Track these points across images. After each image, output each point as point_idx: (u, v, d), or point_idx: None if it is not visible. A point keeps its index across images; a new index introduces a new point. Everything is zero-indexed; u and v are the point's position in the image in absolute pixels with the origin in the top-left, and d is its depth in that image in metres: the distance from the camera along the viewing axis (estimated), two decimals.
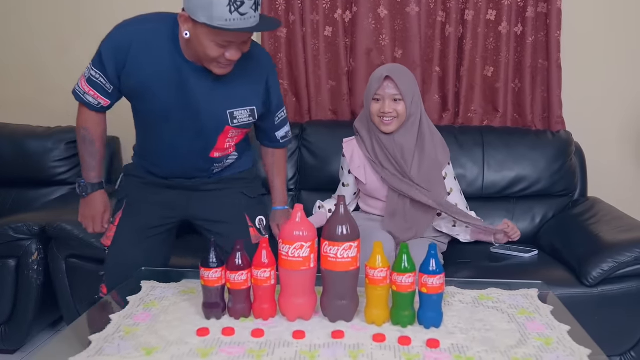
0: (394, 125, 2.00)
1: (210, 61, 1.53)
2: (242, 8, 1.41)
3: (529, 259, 2.19)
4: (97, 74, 1.63)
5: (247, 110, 1.67)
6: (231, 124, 1.66)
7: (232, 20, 1.41)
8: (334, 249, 1.32)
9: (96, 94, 1.66)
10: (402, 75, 2.00)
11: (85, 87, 1.66)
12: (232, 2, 1.40)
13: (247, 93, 1.67)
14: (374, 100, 2.00)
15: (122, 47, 1.58)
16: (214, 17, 1.41)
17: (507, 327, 1.35)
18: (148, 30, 1.60)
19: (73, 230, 2.06)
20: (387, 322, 1.35)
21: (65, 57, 2.85)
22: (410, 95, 1.98)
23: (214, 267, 1.35)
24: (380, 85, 1.97)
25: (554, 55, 2.53)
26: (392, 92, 1.97)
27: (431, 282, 1.31)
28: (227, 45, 1.49)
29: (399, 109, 1.98)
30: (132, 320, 1.37)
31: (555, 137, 2.50)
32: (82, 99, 1.69)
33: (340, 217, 1.34)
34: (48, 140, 2.64)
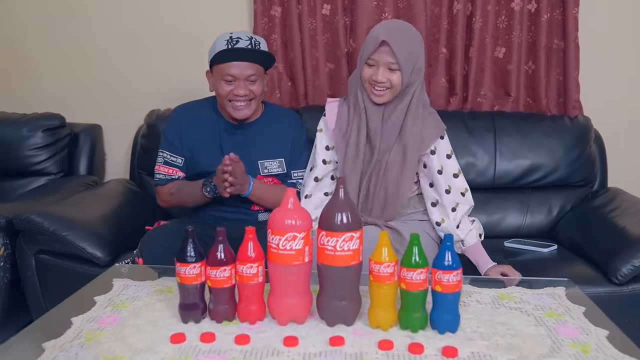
0: (386, 97, 1.74)
1: (226, 103, 1.84)
2: (238, 44, 1.79)
3: (547, 254, 2.04)
4: (167, 154, 1.95)
5: (276, 162, 1.93)
6: (262, 172, 1.91)
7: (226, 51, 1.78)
8: (332, 241, 1.13)
9: (175, 170, 1.94)
10: (403, 39, 1.71)
11: (164, 169, 1.95)
12: (230, 41, 1.79)
13: (276, 147, 1.93)
14: (367, 65, 1.73)
15: (176, 121, 1.96)
16: (215, 52, 1.79)
17: (535, 332, 1.18)
18: (193, 105, 2.00)
19: (43, 222, 1.88)
20: (394, 326, 1.19)
21: (43, 39, 2.68)
22: (409, 65, 1.70)
23: (192, 262, 1.17)
24: (376, 49, 1.70)
25: (572, 34, 2.35)
26: (388, 59, 1.69)
27: (447, 279, 1.14)
28: (232, 80, 1.81)
29: (394, 79, 1.70)
30: (96, 324, 1.20)
31: (573, 122, 2.33)
32: (166, 179, 1.95)
33: (340, 203, 1.15)
34: (23, 128, 2.46)
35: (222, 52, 1.78)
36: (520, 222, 2.27)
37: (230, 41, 1.79)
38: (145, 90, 2.63)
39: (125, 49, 2.63)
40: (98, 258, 1.87)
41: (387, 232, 1.17)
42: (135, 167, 2.49)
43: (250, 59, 1.81)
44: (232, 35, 1.80)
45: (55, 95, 2.68)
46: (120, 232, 1.99)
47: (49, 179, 2.47)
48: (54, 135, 2.47)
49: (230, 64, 1.79)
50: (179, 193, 1.90)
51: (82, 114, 2.64)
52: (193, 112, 1.96)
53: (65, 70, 2.68)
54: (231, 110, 1.85)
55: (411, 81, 1.74)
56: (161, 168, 1.95)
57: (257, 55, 1.82)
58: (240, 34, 1.81)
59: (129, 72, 2.64)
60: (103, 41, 2.64)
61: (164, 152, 1.94)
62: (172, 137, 1.93)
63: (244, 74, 1.80)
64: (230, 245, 1.18)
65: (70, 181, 2.43)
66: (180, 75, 2.60)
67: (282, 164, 1.94)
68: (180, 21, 2.59)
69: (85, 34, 2.64)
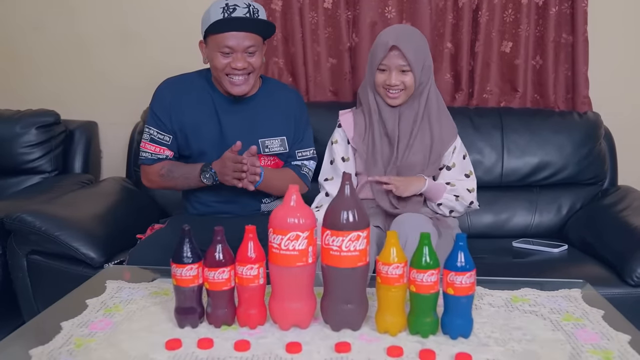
0: (401, 99, 1.78)
1: (223, 77, 1.69)
2: (235, 13, 1.62)
3: (558, 254, 1.97)
4: (154, 131, 1.78)
5: (277, 140, 1.80)
6: (263, 152, 1.78)
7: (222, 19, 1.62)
8: (337, 240, 1.06)
9: (162, 149, 1.78)
10: (411, 41, 1.76)
11: (150, 147, 1.79)
12: (226, 8, 1.62)
13: (277, 124, 1.80)
14: (379, 71, 1.77)
15: (164, 95, 1.79)
16: (210, 21, 1.64)
17: (553, 337, 1.11)
18: (182, 78, 1.83)
19: (35, 222, 1.82)
20: (403, 331, 1.12)
21: (38, 34, 2.61)
22: (419, 64, 1.75)
23: (189, 263, 1.10)
24: (386, 55, 1.74)
25: (581, 28, 2.30)
26: (399, 62, 1.74)
27: (459, 281, 1.07)
28: (229, 52, 1.66)
29: (407, 81, 1.75)
30: (87, 330, 1.13)
31: (582, 118, 2.27)
32: (152, 159, 1.79)
33: (346, 200, 1.08)
34: (16, 124, 2.40)
35: (218, 22, 1.63)
36: (528, 221, 2.21)
37: (227, 9, 1.63)
38: (142, 86, 2.53)
39: (122, 44, 2.56)
40: (92, 259, 1.81)
41: (396, 232, 1.10)
42: (131, 165, 2.43)
43: (249, 29, 1.65)
44: (228, 3, 1.64)
45: (50, 91, 2.61)
46: (115, 231, 1.93)
47: (43, 178, 2.41)
48: (48, 132, 2.41)
49: (226, 34, 1.64)
50: (171, 175, 1.74)
51: (78, 110, 2.57)
52: (184, 86, 1.79)
53: (60, 66, 2.61)
54: (228, 86, 1.70)
55: (422, 80, 1.77)
56: (147, 146, 1.78)
57: (256, 25, 1.66)
58: (237, 0, 1.65)
59: (126, 68, 2.58)
60: (99, 35, 2.57)
61: (151, 129, 1.77)
62: (160, 112, 1.76)
63: (242, 46, 1.65)
64: (229, 244, 1.11)
65: (65, 179, 2.37)
66: (179, 70, 2.50)
67: (284, 143, 1.81)
68: (178, 15, 2.52)
69: (81, 28, 2.58)
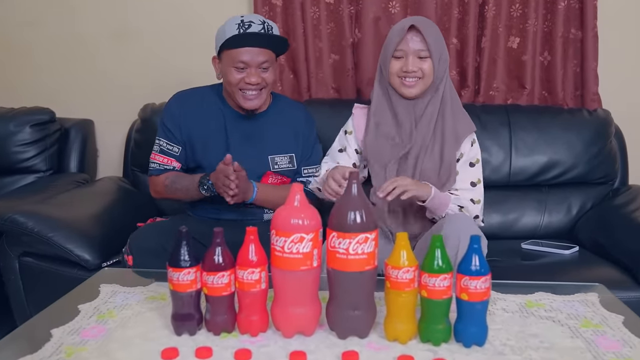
0: (418, 88, 1.66)
1: (236, 90, 1.70)
2: (250, 29, 1.64)
3: (569, 256, 1.91)
4: (164, 142, 1.79)
5: (287, 157, 1.80)
6: (272, 168, 1.78)
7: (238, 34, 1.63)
8: (344, 243, 1.00)
9: (170, 160, 1.79)
10: (430, 26, 1.66)
11: (159, 158, 1.79)
12: (241, 25, 1.64)
13: (286, 141, 1.80)
14: (395, 58, 1.65)
15: (175, 108, 1.79)
16: (226, 36, 1.65)
17: (572, 345, 1.05)
18: (194, 91, 1.84)
19: (27, 222, 1.75)
20: (414, 339, 1.06)
21: (32, 29, 2.55)
22: (438, 52, 1.64)
23: (186, 267, 1.04)
24: (403, 37, 1.63)
25: (590, 22, 2.23)
26: (417, 46, 1.62)
27: (474, 286, 1.01)
28: (244, 67, 1.67)
29: (425, 68, 1.64)
30: (78, 337, 1.07)
31: (592, 116, 2.20)
32: (159, 169, 1.79)
33: (352, 200, 1.02)
34: (10, 122, 2.34)
35: (234, 37, 1.64)
36: (537, 221, 2.14)
37: (242, 25, 1.64)
38: (139, 83, 2.51)
39: (119, 40, 2.50)
40: (86, 261, 1.76)
41: (407, 234, 1.04)
42: (128, 164, 2.37)
43: (264, 45, 1.67)
44: (243, 19, 1.65)
45: (45, 88, 2.55)
46: (111, 232, 1.87)
47: (37, 177, 2.35)
48: (43, 131, 2.35)
49: (241, 50, 1.65)
50: (174, 186, 1.74)
51: (73, 108, 2.51)
52: (195, 100, 1.80)
53: (56, 63, 2.55)
54: (241, 100, 1.71)
55: (439, 73, 1.66)
56: (157, 157, 1.79)
57: (271, 40, 1.68)
58: (252, 17, 1.67)
59: (123, 64, 2.51)
60: (95, 32, 2.51)
61: (161, 140, 1.79)
62: (170, 123, 1.77)
63: (256, 61, 1.67)
64: (230, 250, 1.05)
65: (60, 179, 2.30)
66: (177, 67, 2.48)
67: (293, 160, 1.81)
68: (176, 11, 2.46)
69: (78, 24, 2.51)
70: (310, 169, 1.84)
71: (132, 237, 1.64)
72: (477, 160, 1.72)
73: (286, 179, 1.82)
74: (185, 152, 1.78)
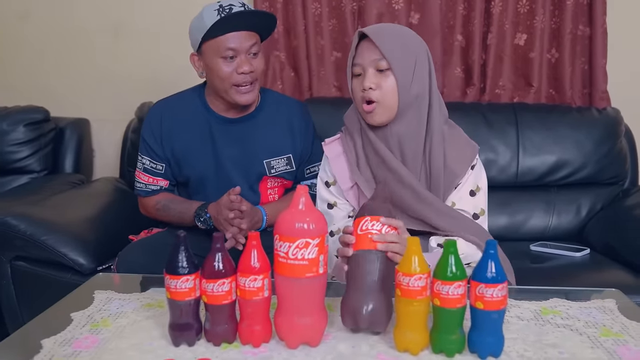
0: (378, 113, 1.29)
1: (228, 86, 1.53)
2: (233, 11, 1.47)
3: (579, 259, 1.86)
4: (146, 160, 1.67)
5: (284, 159, 1.65)
6: (268, 173, 1.65)
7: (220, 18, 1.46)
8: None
9: (156, 180, 1.68)
10: (391, 33, 1.31)
11: (144, 177, 1.68)
12: (220, 10, 1.47)
13: (281, 142, 1.65)
14: (355, 77, 1.32)
15: (154, 121, 1.65)
16: (206, 24, 1.47)
17: (594, 356, 1.00)
18: (174, 99, 1.67)
19: (19, 225, 1.71)
20: (425, 349, 1.00)
21: (26, 26, 2.50)
22: (406, 63, 1.28)
23: (184, 274, 0.99)
24: (356, 47, 1.30)
25: (599, 19, 2.19)
26: (373, 56, 1.27)
27: (490, 294, 0.96)
28: (233, 55, 1.50)
29: (385, 85, 1.27)
30: (70, 348, 1.01)
31: (601, 115, 2.17)
32: (146, 190, 1.69)
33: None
34: (3, 122, 2.30)
35: (217, 23, 1.46)
36: (546, 223, 2.10)
37: (222, 10, 1.47)
38: (136, 82, 2.47)
39: (115, 37, 2.46)
40: (81, 265, 1.71)
41: (418, 239, 0.98)
42: (125, 165, 2.33)
43: (250, 27, 1.50)
44: (221, 4, 1.49)
45: (39, 86, 2.51)
46: (107, 236, 1.83)
47: (31, 178, 2.31)
48: (37, 130, 2.31)
49: (227, 36, 1.48)
50: (166, 212, 1.63)
51: (68, 107, 2.47)
52: (175, 109, 1.64)
53: (50, 60, 2.51)
54: (235, 96, 1.54)
55: (415, 92, 1.29)
56: (141, 176, 1.68)
57: (258, 18, 1.51)
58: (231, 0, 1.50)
59: (119, 62, 2.47)
60: (92, 29, 2.47)
61: (143, 158, 1.67)
62: (151, 140, 1.64)
63: (245, 46, 1.50)
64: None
65: (55, 180, 2.26)
66: (174, 65, 2.41)
67: (291, 161, 1.67)
68: (174, 7, 2.41)
69: (72, 20, 2.47)
70: (312, 167, 1.70)
71: (120, 255, 1.56)
72: (477, 188, 1.38)
73: (286, 181, 1.71)
74: (170, 168, 1.66)
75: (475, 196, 1.37)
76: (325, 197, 1.44)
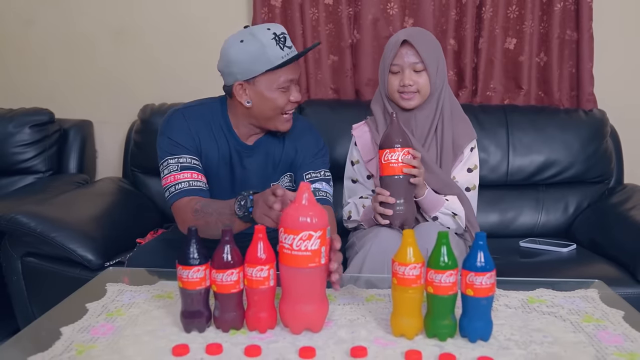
0: (416, 101, 1.65)
1: (278, 115, 1.51)
2: (287, 41, 1.48)
3: (566, 254, 1.93)
4: (185, 157, 1.49)
5: (287, 177, 1.65)
6: None
7: (286, 55, 1.46)
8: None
9: (199, 175, 1.50)
10: (424, 39, 1.66)
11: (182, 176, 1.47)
12: (278, 40, 1.45)
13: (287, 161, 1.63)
14: (392, 73, 1.65)
15: (182, 122, 1.53)
16: (272, 59, 1.44)
17: (575, 339, 1.07)
18: (203, 111, 1.56)
19: (29, 223, 1.76)
20: (420, 334, 1.08)
21: (31, 29, 2.54)
22: (434, 64, 1.64)
23: (196, 265, 1.05)
24: (397, 52, 1.63)
25: (586, 24, 2.26)
26: (411, 60, 1.62)
27: (479, 282, 1.03)
28: (289, 85, 1.50)
29: (421, 82, 1.63)
30: (88, 335, 1.07)
31: (588, 116, 2.23)
32: (188, 191, 1.46)
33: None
34: (9, 123, 2.34)
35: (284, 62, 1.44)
36: (535, 220, 2.17)
37: (279, 40, 1.45)
38: (138, 84, 2.51)
39: (118, 40, 2.50)
40: (89, 261, 1.76)
41: (413, 231, 1.05)
42: (128, 165, 2.37)
43: (297, 58, 1.50)
44: (274, 32, 1.45)
45: (44, 89, 2.55)
46: (113, 233, 1.88)
47: (36, 178, 2.35)
48: (42, 132, 2.35)
49: (287, 67, 1.47)
50: (205, 210, 1.40)
51: (72, 109, 2.52)
52: (200, 119, 1.55)
53: (55, 63, 2.55)
54: (281, 124, 1.52)
55: (437, 84, 1.65)
56: (178, 176, 1.46)
57: (304, 52, 1.53)
58: (276, 27, 1.47)
59: (122, 65, 2.52)
60: (95, 32, 2.51)
61: (179, 157, 1.49)
62: (185, 139, 1.51)
63: (297, 77, 1.52)
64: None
65: (59, 180, 2.31)
66: (177, 67, 2.48)
67: (292, 178, 1.65)
68: (176, 10, 2.47)
69: (76, 24, 2.51)
70: (314, 172, 1.61)
71: (130, 258, 1.58)
72: (475, 167, 1.72)
73: None
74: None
75: (471, 173, 1.72)
76: (350, 174, 1.78)
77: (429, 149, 1.68)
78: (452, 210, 1.63)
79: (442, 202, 1.62)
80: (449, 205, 1.63)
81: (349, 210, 1.73)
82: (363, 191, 1.75)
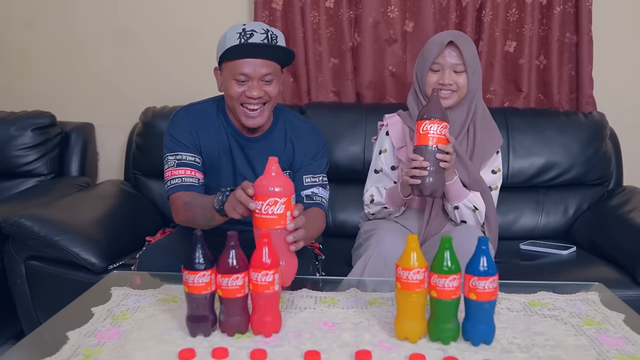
0: (453, 99, 1.72)
1: (237, 107, 1.56)
2: (252, 39, 1.49)
3: (566, 256, 1.94)
4: (182, 155, 1.60)
5: (286, 174, 1.59)
6: None
7: (240, 46, 1.49)
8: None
9: (194, 171, 1.60)
10: (467, 42, 1.73)
11: (179, 171, 1.58)
12: (242, 34, 1.50)
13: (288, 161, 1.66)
14: (432, 71, 1.72)
15: (186, 123, 1.63)
16: (226, 47, 1.51)
17: (577, 343, 1.08)
18: (200, 107, 1.67)
19: (33, 226, 1.76)
20: (423, 338, 1.09)
21: (33, 33, 2.55)
22: (473, 66, 1.71)
23: (201, 270, 1.06)
24: (441, 52, 1.70)
25: (585, 27, 2.27)
26: (454, 61, 1.69)
27: (482, 286, 1.04)
28: (245, 80, 1.52)
29: (460, 82, 1.70)
30: (95, 339, 1.08)
31: (587, 118, 2.24)
32: (182, 186, 1.57)
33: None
34: (11, 126, 2.34)
35: (233, 48, 1.49)
36: (535, 222, 2.18)
37: (243, 34, 1.49)
38: (140, 87, 2.52)
39: (119, 43, 2.51)
40: (93, 264, 1.77)
41: (417, 236, 1.07)
42: (130, 168, 2.38)
43: (266, 56, 1.51)
44: (245, 28, 1.51)
45: (45, 92, 2.56)
46: (116, 236, 1.89)
47: (38, 181, 2.36)
48: (44, 135, 2.36)
49: (242, 61, 1.50)
50: (192, 203, 1.51)
51: (74, 112, 2.52)
52: (201, 116, 1.64)
53: (56, 66, 2.55)
54: (242, 117, 1.56)
55: (473, 86, 1.72)
56: (174, 172, 1.57)
57: (274, 52, 1.52)
58: (255, 25, 1.52)
59: (123, 68, 2.52)
60: (96, 35, 2.52)
61: (177, 154, 1.59)
62: (185, 137, 1.60)
63: (258, 74, 1.51)
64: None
65: (61, 182, 2.32)
66: (178, 70, 2.49)
67: (290, 175, 1.66)
68: (177, 14, 2.48)
69: (77, 27, 2.52)
70: (314, 177, 1.65)
71: (140, 256, 1.60)
72: (498, 169, 1.80)
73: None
74: (203, 165, 1.62)
75: (495, 174, 1.80)
76: (375, 164, 1.83)
77: (461, 146, 1.74)
78: (474, 204, 1.69)
79: (466, 193, 1.68)
80: (472, 198, 1.69)
81: (371, 195, 1.78)
82: (385, 181, 1.79)
